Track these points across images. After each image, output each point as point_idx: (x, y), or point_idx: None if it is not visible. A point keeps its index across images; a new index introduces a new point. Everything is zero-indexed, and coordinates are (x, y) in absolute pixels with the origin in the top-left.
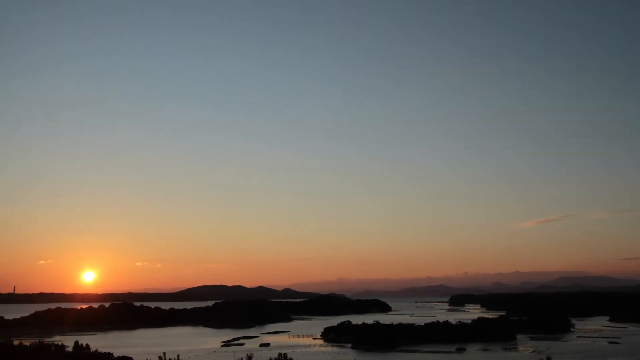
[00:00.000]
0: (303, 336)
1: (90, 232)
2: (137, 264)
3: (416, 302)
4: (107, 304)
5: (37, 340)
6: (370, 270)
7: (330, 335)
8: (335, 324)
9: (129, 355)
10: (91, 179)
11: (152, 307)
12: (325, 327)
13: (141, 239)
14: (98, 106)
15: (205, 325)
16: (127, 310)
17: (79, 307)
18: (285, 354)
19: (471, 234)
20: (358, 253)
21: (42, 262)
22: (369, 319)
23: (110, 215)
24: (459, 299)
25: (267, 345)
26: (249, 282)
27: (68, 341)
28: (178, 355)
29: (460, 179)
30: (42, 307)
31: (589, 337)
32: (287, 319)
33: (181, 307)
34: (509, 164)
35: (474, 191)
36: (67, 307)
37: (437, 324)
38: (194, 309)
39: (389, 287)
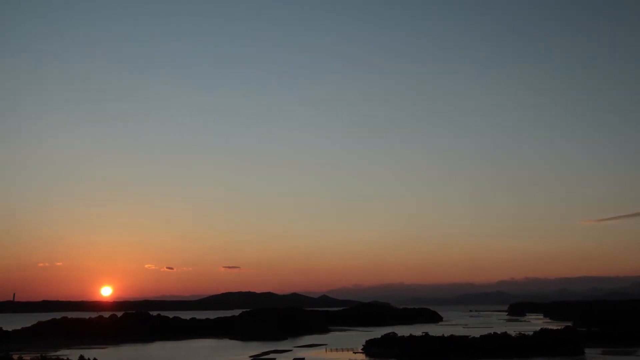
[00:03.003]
0: (342, 350)
1: (97, 232)
2: (146, 266)
3: (470, 310)
4: (119, 313)
5: (40, 355)
6: (417, 274)
7: (373, 349)
8: (379, 336)
9: None
10: (96, 175)
11: (171, 316)
12: (368, 339)
13: (156, 239)
14: (102, 101)
15: (231, 338)
16: (142, 321)
17: (87, 317)
18: None
19: (531, 233)
20: (404, 255)
21: (41, 264)
22: (416, 330)
23: (121, 213)
24: (518, 308)
25: None
26: (281, 288)
27: (74, 355)
28: None
29: (515, 172)
30: (45, 316)
31: None
32: (324, 330)
33: (203, 317)
34: (572, 155)
35: (532, 186)
36: (74, 316)
37: (494, 335)
38: (218, 319)
39: (439, 293)
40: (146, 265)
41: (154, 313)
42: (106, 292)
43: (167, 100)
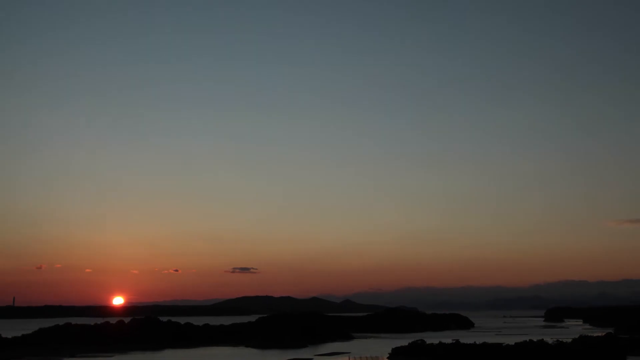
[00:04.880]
0: (366, 358)
1: (99, 233)
2: (151, 268)
3: (504, 316)
4: (127, 319)
5: None
6: (447, 277)
7: (400, 357)
8: (406, 344)
9: None
10: (98, 173)
11: (182, 322)
12: (394, 347)
13: (161, 240)
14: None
15: (247, 345)
16: (151, 327)
17: (92, 323)
18: None
19: (567, 234)
20: (431, 257)
21: (43, 267)
22: (446, 337)
23: (124, 212)
24: (556, 313)
25: None
26: (301, 292)
27: None
28: None
29: (551, 170)
30: (47, 322)
31: None
32: (346, 337)
33: (218, 323)
34: (612, 153)
35: (569, 184)
36: (78, 322)
37: (529, 343)
38: (234, 325)
39: (471, 298)
40: (151, 268)
41: (164, 318)
42: (112, 296)
43: (174, 97)
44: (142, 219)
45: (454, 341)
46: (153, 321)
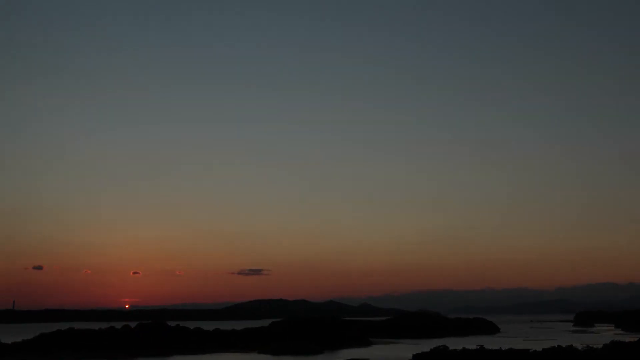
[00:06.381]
0: None
1: (101, 233)
2: (157, 269)
3: (531, 320)
4: (132, 323)
5: None
6: (469, 280)
7: None
8: (428, 350)
9: None
10: (99, 171)
11: (192, 327)
12: (414, 353)
13: (166, 240)
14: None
15: (260, 351)
16: (159, 332)
17: (96, 328)
18: None
19: (597, 233)
20: (454, 258)
21: (44, 268)
22: (470, 342)
23: (128, 209)
24: (586, 317)
25: None
26: (316, 295)
27: None
28: None
29: (578, 167)
30: (49, 327)
31: None
32: (365, 342)
33: (229, 328)
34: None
35: (598, 181)
36: (82, 327)
37: (558, 349)
38: (246, 330)
39: (496, 301)
40: (154, 269)
41: (173, 323)
42: (114, 298)
43: (175, 95)
44: (143, 218)
45: (478, 347)
46: (161, 326)
